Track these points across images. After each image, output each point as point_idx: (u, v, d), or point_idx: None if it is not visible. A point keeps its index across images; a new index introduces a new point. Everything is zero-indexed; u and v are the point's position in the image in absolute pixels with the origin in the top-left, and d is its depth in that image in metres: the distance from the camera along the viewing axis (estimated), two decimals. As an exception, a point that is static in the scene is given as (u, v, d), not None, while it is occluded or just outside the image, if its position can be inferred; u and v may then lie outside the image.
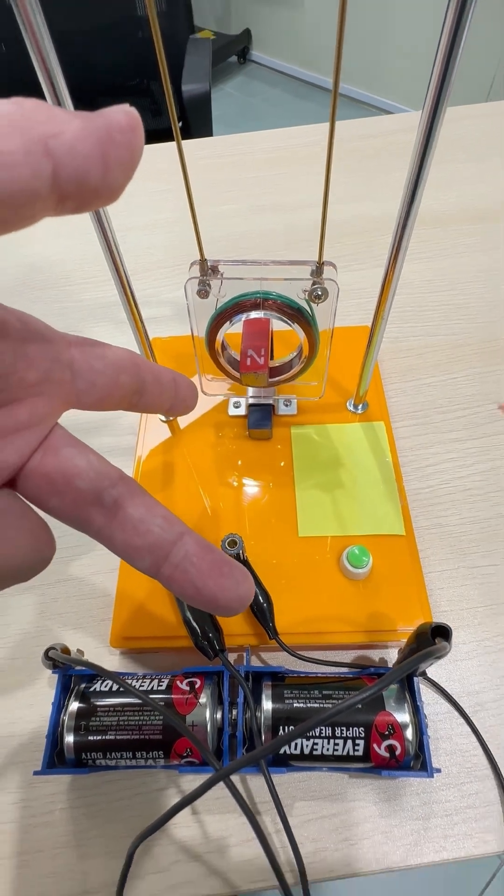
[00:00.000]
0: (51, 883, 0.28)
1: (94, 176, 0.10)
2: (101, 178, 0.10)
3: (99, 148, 0.10)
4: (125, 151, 0.10)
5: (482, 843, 0.28)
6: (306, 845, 0.28)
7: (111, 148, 0.10)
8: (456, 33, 0.19)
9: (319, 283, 0.30)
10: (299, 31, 2.44)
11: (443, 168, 0.63)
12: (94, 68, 1.18)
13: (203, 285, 0.31)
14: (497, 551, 0.37)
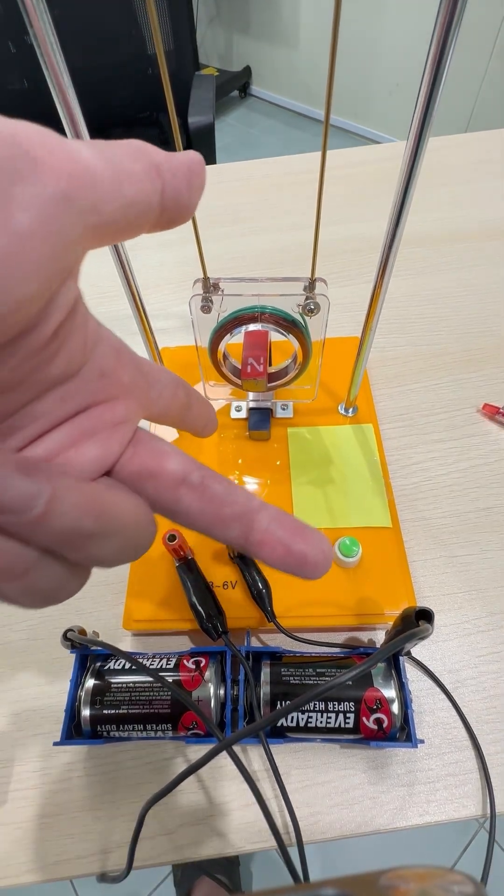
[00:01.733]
0: (69, 843, 0.28)
1: (183, 195, 0.12)
2: (188, 198, 0.13)
3: (187, 175, 0.12)
4: (199, 179, 0.13)
5: (462, 808, 0.28)
6: (302, 809, 0.28)
7: (192, 176, 0.12)
8: (438, 69, 0.19)
9: (312, 298, 0.30)
10: (295, 67, 2.44)
11: (425, 193, 0.63)
12: (108, 102, 1.18)
13: (206, 301, 0.31)
14: (475, 542, 0.37)
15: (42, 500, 0.11)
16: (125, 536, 0.13)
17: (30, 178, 0.09)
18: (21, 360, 0.11)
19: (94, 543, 0.12)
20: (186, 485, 0.15)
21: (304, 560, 0.15)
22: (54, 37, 0.20)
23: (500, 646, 0.33)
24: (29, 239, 0.09)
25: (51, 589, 0.13)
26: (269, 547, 0.15)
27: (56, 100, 0.22)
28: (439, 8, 0.17)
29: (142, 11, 1.06)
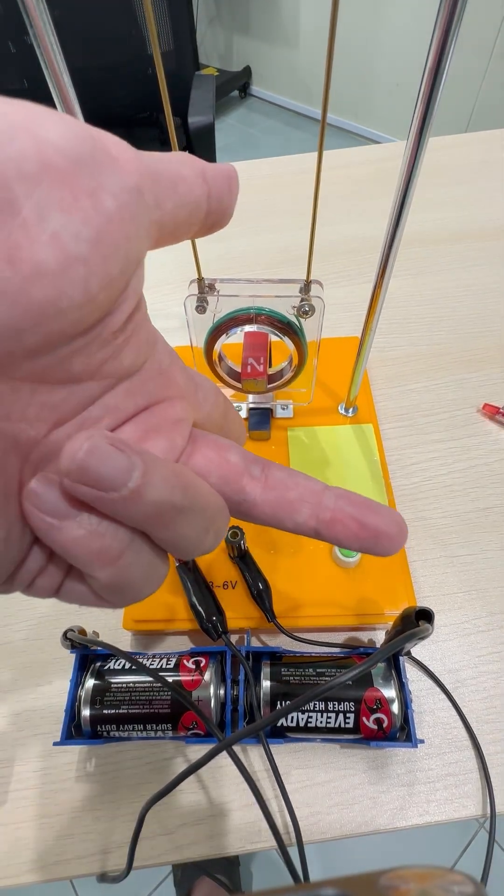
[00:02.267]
0: (69, 843, 0.28)
1: (225, 199, 0.14)
2: (228, 202, 0.14)
3: (227, 181, 0.14)
4: (236, 186, 0.14)
5: (462, 808, 0.28)
6: (301, 809, 0.28)
7: (231, 182, 0.14)
8: (438, 69, 0.19)
9: (307, 300, 0.30)
10: (295, 67, 2.44)
11: (425, 193, 0.63)
12: (108, 102, 1.18)
13: (201, 302, 0.31)
14: (475, 542, 0.37)
15: (137, 473, 0.11)
16: (208, 515, 0.14)
17: (111, 170, 0.10)
18: (100, 345, 0.12)
19: (182, 519, 0.13)
20: (249, 475, 0.15)
21: (378, 533, 0.15)
22: (54, 37, 0.20)
23: (500, 646, 0.33)
24: (115, 222, 0.10)
25: (138, 578, 0.13)
26: (341, 524, 0.15)
27: (56, 100, 0.23)
28: (439, 8, 0.17)
29: (142, 11, 1.06)
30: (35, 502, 0.11)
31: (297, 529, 0.16)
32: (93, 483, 0.11)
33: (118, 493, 0.11)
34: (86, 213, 0.10)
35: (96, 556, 0.12)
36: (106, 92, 1.16)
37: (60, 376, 0.12)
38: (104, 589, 0.13)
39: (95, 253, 0.10)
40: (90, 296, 0.10)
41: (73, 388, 0.12)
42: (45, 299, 0.09)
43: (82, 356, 0.12)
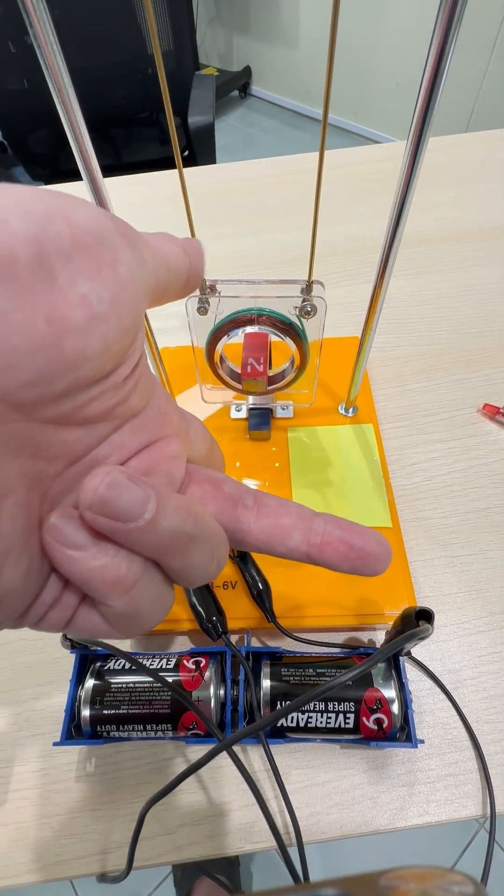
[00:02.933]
0: (69, 844, 0.28)
1: (199, 269, 0.17)
2: (201, 271, 0.17)
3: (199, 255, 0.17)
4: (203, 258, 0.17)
5: (462, 808, 0.28)
6: (301, 810, 0.28)
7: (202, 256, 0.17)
8: (438, 69, 0.19)
9: (309, 301, 0.30)
10: (295, 67, 2.44)
11: (426, 193, 0.63)
12: (108, 102, 1.18)
13: (202, 303, 0.31)
14: (475, 542, 0.37)
15: (152, 504, 0.12)
16: (213, 543, 0.15)
17: (124, 246, 0.12)
18: (113, 391, 0.13)
19: (192, 547, 0.14)
20: (243, 504, 0.17)
21: (366, 554, 0.16)
22: (54, 37, 0.20)
23: (500, 646, 0.33)
24: (127, 287, 0.12)
25: (149, 606, 0.14)
26: (331, 547, 0.16)
27: (56, 100, 0.22)
28: (439, 8, 0.17)
29: (142, 11, 1.06)
30: (56, 536, 0.12)
31: (290, 554, 0.17)
32: (112, 515, 0.12)
33: (136, 523, 0.12)
34: (106, 280, 0.12)
35: (113, 585, 0.13)
36: (106, 92, 1.16)
37: (79, 419, 0.13)
38: (117, 617, 0.14)
39: (112, 312, 0.12)
40: (107, 347, 0.12)
41: (88, 430, 0.13)
42: (73, 350, 0.11)
43: (98, 401, 0.13)
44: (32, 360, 0.11)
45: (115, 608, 0.13)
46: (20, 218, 0.10)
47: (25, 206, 0.10)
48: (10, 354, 0.10)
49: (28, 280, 0.10)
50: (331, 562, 0.16)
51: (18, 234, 0.10)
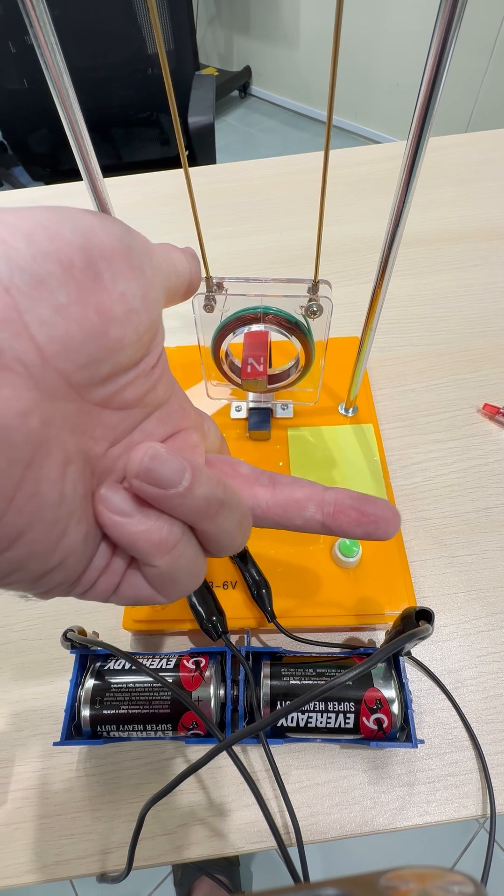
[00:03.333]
0: (68, 843, 0.28)
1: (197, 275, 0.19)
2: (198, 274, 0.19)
3: (197, 262, 0.19)
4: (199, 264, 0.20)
5: (462, 808, 0.28)
6: (301, 810, 0.28)
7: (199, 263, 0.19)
8: (438, 69, 0.19)
9: (315, 300, 0.30)
10: (295, 67, 2.44)
11: (425, 193, 0.63)
12: (107, 102, 1.18)
13: (209, 300, 0.31)
14: (475, 542, 0.37)
15: (188, 474, 0.14)
16: (241, 511, 0.17)
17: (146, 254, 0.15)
18: (144, 378, 0.16)
19: (223, 512, 0.16)
20: (259, 483, 0.19)
21: (377, 518, 0.18)
22: (54, 37, 0.20)
23: (500, 646, 0.33)
24: (151, 287, 0.15)
25: (187, 568, 0.16)
26: (344, 514, 0.18)
27: (56, 100, 0.23)
28: (439, 8, 0.17)
29: (142, 11, 1.06)
30: (107, 504, 0.14)
31: (306, 525, 0.18)
32: (155, 482, 0.14)
33: (175, 489, 0.14)
34: (137, 281, 0.14)
35: (156, 546, 0.14)
36: (106, 92, 1.16)
37: (118, 403, 0.15)
38: (160, 577, 0.15)
39: (143, 307, 0.14)
40: (139, 336, 0.14)
41: (125, 414, 0.16)
42: (115, 338, 0.13)
43: (133, 386, 0.15)
44: (86, 345, 0.13)
45: (159, 568, 0.15)
46: (72, 231, 0.13)
47: (75, 221, 0.13)
48: (70, 341, 0.12)
49: (82, 280, 0.13)
50: (344, 528, 0.18)
51: (73, 244, 0.13)
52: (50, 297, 0.12)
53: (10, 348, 0.11)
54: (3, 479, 0.11)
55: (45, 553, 0.13)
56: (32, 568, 0.13)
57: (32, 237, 0.12)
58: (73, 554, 0.14)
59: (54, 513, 0.13)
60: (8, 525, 0.12)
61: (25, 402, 0.12)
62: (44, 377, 0.12)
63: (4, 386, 0.11)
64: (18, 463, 0.12)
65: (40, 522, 0.13)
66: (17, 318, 0.11)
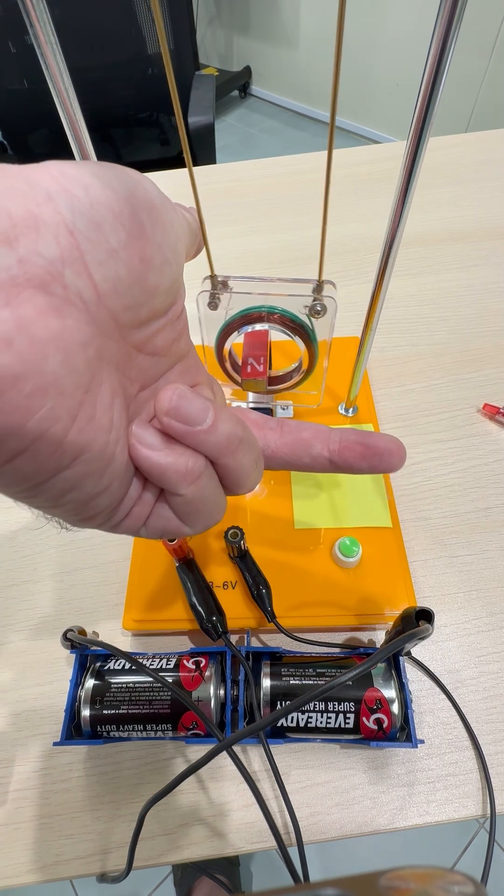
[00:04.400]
0: (68, 844, 0.28)
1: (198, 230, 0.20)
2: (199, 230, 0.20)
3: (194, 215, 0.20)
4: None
5: (462, 808, 0.28)
6: (302, 810, 0.28)
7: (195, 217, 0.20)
8: (438, 69, 0.19)
9: (319, 300, 0.30)
10: (295, 67, 2.44)
11: (426, 193, 0.63)
12: (107, 102, 1.18)
13: (213, 298, 0.31)
14: (475, 542, 0.37)
15: (212, 412, 0.16)
16: (257, 450, 0.18)
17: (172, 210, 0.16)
18: (171, 326, 0.17)
19: (242, 448, 0.17)
20: (268, 427, 0.20)
21: (381, 450, 0.19)
22: (54, 37, 0.20)
23: (500, 646, 0.33)
24: (181, 240, 0.17)
25: (211, 498, 0.17)
26: (349, 450, 0.19)
27: (56, 100, 0.23)
28: (439, 8, 0.17)
29: (142, 11, 1.06)
30: (139, 439, 0.16)
31: (314, 463, 0.20)
32: (183, 419, 0.15)
33: (201, 426, 0.15)
34: (170, 234, 0.15)
35: (182, 476, 0.16)
36: (106, 92, 1.16)
37: (150, 348, 0.17)
38: (187, 506, 0.17)
39: (173, 258, 0.16)
40: (170, 285, 0.16)
41: (154, 360, 0.17)
42: (153, 285, 0.15)
43: (162, 333, 0.17)
44: (131, 288, 0.14)
45: (185, 497, 0.16)
46: (120, 184, 0.14)
47: (119, 176, 0.14)
48: (120, 282, 0.14)
49: (129, 228, 0.14)
50: (351, 462, 0.19)
51: (121, 196, 0.14)
52: (105, 242, 0.13)
53: (74, 284, 0.13)
54: (69, 399, 0.13)
55: (97, 474, 0.14)
56: (87, 488, 0.15)
57: (90, 187, 0.13)
58: (118, 478, 0.15)
59: (106, 437, 0.14)
60: (71, 444, 0.13)
61: (85, 333, 0.13)
62: (98, 314, 0.13)
63: (69, 317, 0.13)
64: (80, 388, 0.13)
65: (96, 444, 0.14)
66: (79, 258, 0.13)
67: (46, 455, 0.13)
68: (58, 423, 0.13)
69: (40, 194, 0.12)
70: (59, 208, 0.12)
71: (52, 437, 0.13)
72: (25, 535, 0.39)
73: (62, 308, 0.12)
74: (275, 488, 0.38)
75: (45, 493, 0.14)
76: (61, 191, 0.13)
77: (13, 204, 0.12)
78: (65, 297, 0.12)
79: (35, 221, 0.12)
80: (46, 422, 0.12)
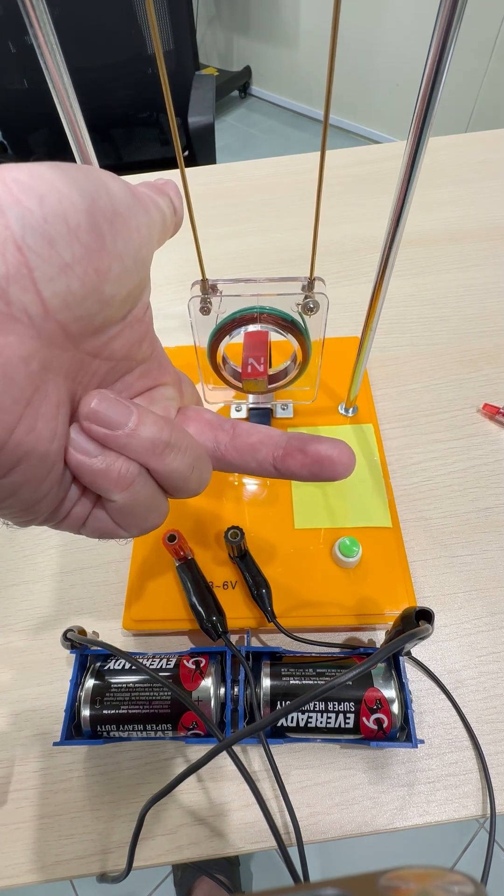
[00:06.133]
0: (69, 843, 0.28)
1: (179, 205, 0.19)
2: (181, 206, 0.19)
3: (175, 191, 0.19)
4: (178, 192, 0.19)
5: (462, 808, 0.28)
6: (301, 810, 0.28)
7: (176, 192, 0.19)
8: (438, 69, 0.19)
9: (311, 297, 0.30)
10: (295, 67, 2.44)
11: (425, 193, 0.63)
12: (107, 102, 1.18)
13: (204, 303, 0.31)
14: (475, 542, 0.37)
15: (134, 417, 0.16)
16: (192, 455, 0.18)
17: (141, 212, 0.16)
18: (131, 331, 0.17)
19: (171, 454, 0.17)
20: (221, 428, 0.20)
21: (321, 458, 0.18)
22: (54, 37, 0.20)
23: (500, 646, 0.33)
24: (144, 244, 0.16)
25: (145, 503, 0.17)
26: (290, 457, 0.19)
27: (56, 100, 0.23)
28: (439, 8, 0.17)
29: (142, 11, 1.06)
30: (72, 444, 0.15)
31: (260, 468, 0.19)
32: (104, 423, 0.15)
33: (122, 430, 0.15)
34: (133, 241, 0.15)
35: (114, 482, 0.16)
36: (106, 92, 1.16)
37: (107, 353, 0.16)
38: (121, 512, 0.17)
39: (134, 266, 0.15)
40: (129, 292, 0.16)
41: (111, 365, 0.17)
42: (109, 295, 0.15)
43: (120, 338, 0.17)
44: (84, 301, 0.14)
45: (118, 503, 0.16)
46: (80, 193, 0.13)
47: (81, 183, 0.13)
48: (71, 296, 0.13)
49: (86, 241, 0.13)
50: (293, 470, 0.19)
51: (80, 206, 0.13)
52: (57, 257, 0.13)
53: (19, 301, 0.13)
54: (7, 414, 0.13)
55: (36, 482, 0.15)
56: (25, 495, 0.15)
57: (45, 199, 0.13)
58: (57, 485, 0.16)
59: (46, 447, 0.14)
60: (9, 453, 0.13)
61: (28, 348, 0.13)
62: (45, 327, 0.13)
63: (11, 333, 0.13)
64: (20, 401, 0.13)
65: (35, 454, 0.14)
66: (27, 275, 0.12)
67: None
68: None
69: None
70: (9, 223, 0.12)
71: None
72: (25, 535, 0.39)
73: (3, 325, 0.12)
74: (275, 488, 0.38)
75: None
76: (13, 203, 0.12)
77: None
78: (7, 313, 0.12)
79: None
80: None
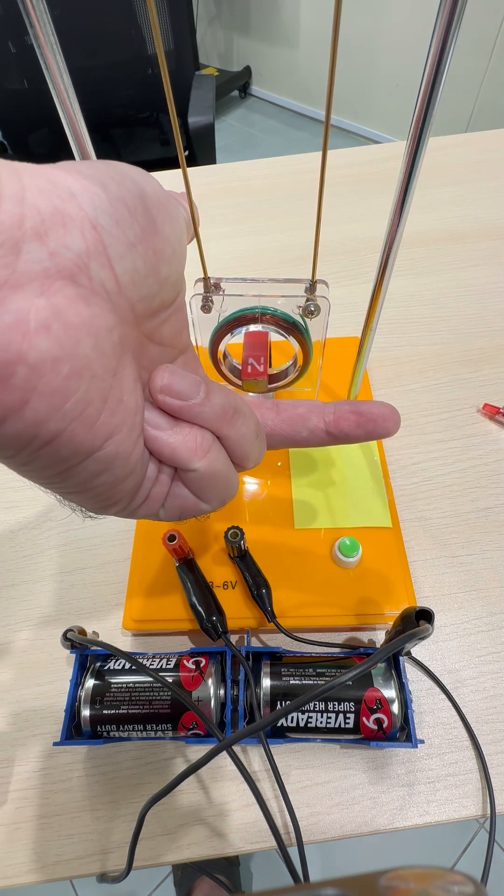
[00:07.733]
0: (69, 843, 0.28)
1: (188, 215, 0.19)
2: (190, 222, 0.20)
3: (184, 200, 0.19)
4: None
5: (462, 808, 0.28)
6: (301, 810, 0.28)
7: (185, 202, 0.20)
8: (438, 69, 0.19)
9: (312, 300, 0.30)
10: (295, 67, 2.44)
11: (426, 193, 0.63)
12: (108, 102, 1.18)
13: (206, 301, 0.31)
14: (475, 542, 0.37)
15: (203, 386, 0.17)
16: (255, 421, 0.19)
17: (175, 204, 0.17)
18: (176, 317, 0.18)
19: (240, 419, 0.18)
20: (265, 407, 0.21)
21: (375, 417, 0.19)
22: (54, 37, 0.20)
23: (500, 646, 0.33)
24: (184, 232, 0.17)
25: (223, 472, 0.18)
26: (344, 419, 0.20)
27: (56, 100, 0.23)
28: (439, 8, 0.17)
29: (142, 11, 1.06)
30: (148, 421, 0.16)
31: (311, 436, 0.20)
32: (176, 395, 0.16)
33: (195, 399, 0.17)
34: (176, 227, 0.16)
35: (192, 451, 0.17)
36: (106, 92, 1.16)
37: (158, 337, 0.17)
38: (200, 480, 0.17)
39: (180, 250, 0.17)
40: (178, 276, 0.17)
41: (162, 350, 0.18)
42: (164, 275, 0.16)
43: (168, 323, 0.18)
44: (146, 279, 0.15)
45: (199, 471, 0.17)
46: (131, 182, 0.15)
47: (130, 174, 0.15)
48: (136, 273, 0.15)
49: (143, 223, 0.15)
50: (347, 431, 0.20)
51: (134, 193, 0.15)
52: (124, 236, 0.14)
53: (98, 276, 0.13)
54: (100, 382, 0.14)
55: (126, 455, 0.15)
56: (116, 470, 0.15)
57: (107, 186, 0.14)
58: (142, 460, 0.16)
59: (133, 418, 0.15)
60: (103, 425, 0.14)
61: (110, 321, 0.14)
62: (118, 303, 0.14)
63: (95, 305, 0.13)
64: (109, 371, 0.14)
65: (125, 425, 0.15)
66: (102, 251, 0.13)
67: (82, 437, 0.14)
68: (91, 406, 0.13)
69: (64, 192, 0.13)
70: (83, 205, 0.13)
71: (87, 418, 0.13)
72: (25, 535, 0.39)
73: (89, 297, 0.13)
74: (275, 488, 0.38)
75: (76, 477, 0.15)
76: (82, 189, 0.13)
77: (41, 201, 0.12)
78: (91, 287, 0.13)
79: (62, 217, 0.13)
80: (82, 403, 0.13)
